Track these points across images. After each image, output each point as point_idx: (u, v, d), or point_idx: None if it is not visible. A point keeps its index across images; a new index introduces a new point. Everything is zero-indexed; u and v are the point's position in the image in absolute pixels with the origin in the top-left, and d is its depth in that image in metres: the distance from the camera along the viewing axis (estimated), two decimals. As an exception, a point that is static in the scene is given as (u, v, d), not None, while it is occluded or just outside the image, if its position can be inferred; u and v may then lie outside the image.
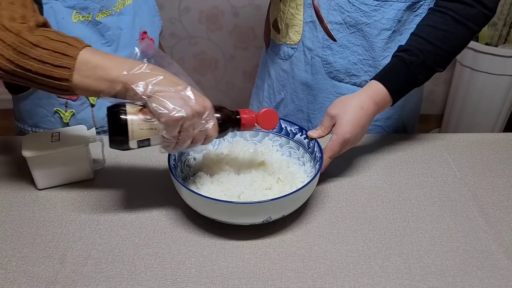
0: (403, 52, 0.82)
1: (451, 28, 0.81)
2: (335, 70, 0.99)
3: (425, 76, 0.82)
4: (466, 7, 0.81)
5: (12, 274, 0.66)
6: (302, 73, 1.03)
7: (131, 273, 0.66)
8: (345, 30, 0.94)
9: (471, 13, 0.81)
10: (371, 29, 0.93)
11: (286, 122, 0.86)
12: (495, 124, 2.12)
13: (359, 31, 0.94)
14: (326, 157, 0.78)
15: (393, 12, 0.91)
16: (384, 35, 0.93)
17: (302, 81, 1.04)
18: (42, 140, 0.80)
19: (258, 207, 0.67)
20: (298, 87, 1.06)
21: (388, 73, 0.82)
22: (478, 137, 0.98)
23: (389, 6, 0.90)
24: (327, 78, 1.01)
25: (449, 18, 0.81)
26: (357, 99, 0.79)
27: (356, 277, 0.66)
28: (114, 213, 0.77)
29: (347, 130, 0.77)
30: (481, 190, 0.83)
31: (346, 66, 0.98)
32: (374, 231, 0.74)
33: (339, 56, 0.97)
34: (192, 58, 2.36)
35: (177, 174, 0.76)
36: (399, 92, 0.82)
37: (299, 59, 1.03)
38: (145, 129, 0.65)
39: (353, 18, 0.92)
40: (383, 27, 0.92)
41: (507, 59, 1.92)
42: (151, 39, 1.00)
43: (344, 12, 0.92)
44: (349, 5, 0.91)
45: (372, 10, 0.91)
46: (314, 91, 1.04)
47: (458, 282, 0.65)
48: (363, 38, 0.94)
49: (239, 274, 0.66)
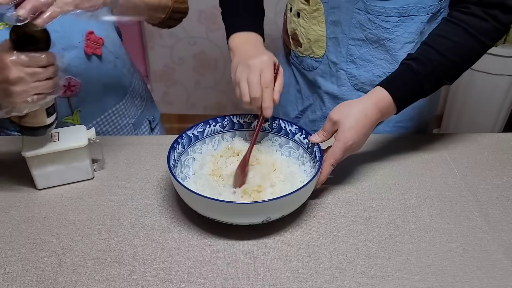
0: (412, 61, 0.79)
1: (462, 40, 0.79)
2: (360, 82, 0.98)
3: (432, 86, 0.80)
4: (480, 20, 0.78)
5: (12, 274, 0.66)
6: (328, 84, 1.02)
7: (130, 273, 0.66)
8: (367, 46, 0.93)
9: (484, 27, 0.78)
10: (393, 44, 0.91)
11: (285, 122, 0.86)
12: (495, 124, 2.12)
13: (382, 46, 0.92)
14: (328, 164, 0.76)
15: (415, 25, 0.89)
16: (408, 47, 0.91)
17: (328, 92, 1.03)
18: (41, 140, 0.80)
19: (258, 207, 0.67)
20: (325, 96, 1.04)
21: (395, 81, 0.80)
22: (478, 137, 0.98)
23: (411, 20, 0.88)
24: (353, 89, 1.00)
25: (462, 30, 0.79)
26: (361, 106, 0.77)
27: (355, 277, 0.66)
28: (114, 213, 0.77)
29: (350, 137, 0.75)
30: (480, 190, 0.83)
31: (371, 79, 0.97)
32: (373, 231, 0.74)
33: (363, 69, 0.96)
34: (191, 58, 2.36)
35: (176, 174, 0.76)
36: (404, 101, 0.80)
37: (324, 71, 1.01)
38: None
39: (375, 35, 0.91)
40: (405, 41, 0.91)
41: (506, 59, 1.92)
42: (99, 38, 0.94)
43: (366, 29, 0.91)
44: (370, 23, 0.89)
45: (393, 26, 0.89)
46: (340, 101, 1.01)
47: (457, 282, 0.65)
48: (386, 52, 0.93)
49: (239, 274, 0.66)
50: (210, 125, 0.86)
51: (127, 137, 1.01)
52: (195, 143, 0.85)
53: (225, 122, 0.88)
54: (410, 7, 0.86)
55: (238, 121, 0.88)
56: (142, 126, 1.12)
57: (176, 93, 2.49)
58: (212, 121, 0.87)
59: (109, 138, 0.96)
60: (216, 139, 0.87)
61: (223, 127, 0.88)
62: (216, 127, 0.87)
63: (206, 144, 0.86)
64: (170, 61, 2.39)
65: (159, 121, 1.21)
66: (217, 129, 0.87)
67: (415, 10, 0.87)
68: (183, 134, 0.82)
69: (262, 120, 0.81)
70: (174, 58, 2.37)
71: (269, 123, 0.87)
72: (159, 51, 2.36)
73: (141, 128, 1.11)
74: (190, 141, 0.84)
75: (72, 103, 0.94)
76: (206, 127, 0.86)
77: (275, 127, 0.87)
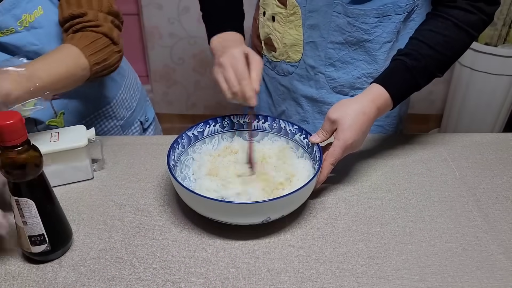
0: (405, 56, 0.81)
1: (452, 33, 0.81)
2: (340, 85, 0.98)
3: (425, 80, 0.82)
4: (467, 13, 0.81)
5: (11, 274, 0.66)
6: (306, 88, 1.02)
7: (130, 273, 0.66)
8: (346, 49, 0.93)
9: (471, 19, 0.81)
10: (373, 44, 0.92)
11: (285, 122, 0.86)
12: (495, 124, 2.12)
13: (361, 48, 0.93)
14: (328, 164, 0.76)
15: (392, 25, 0.90)
16: (386, 47, 0.92)
17: (306, 95, 1.03)
18: (41, 140, 0.80)
19: (257, 207, 0.67)
20: (302, 100, 1.04)
21: (390, 77, 0.81)
22: (478, 137, 0.98)
23: (388, 20, 0.89)
24: (332, 92, 1.00)
25: (451, 24, 0.81)
26: (358, 104, 0.78)
27: (355, 277, 0.66)
28: (113, 213, 0.77)
29: (349, 136, 0.76)
30: (480, 190, 0.83)
31: (350, 81, 0.97)
32: (373, 231, 0.74)
33: (343, 71, 0.96)
34: (191, 58, 2.36)
35: (176, 174, 0.76)
36: (400, 96, 0.81)
37: (301, 75, 1.01)
38: None
39: (355, 37, 0.91)
40: (384, 41, 0.91)
41: (506, 59, 1.92)
42: None
43: (345, 32, 0.91)
44: (350, 26, 0.90)
45: (373, 27, 0.89)
46: (319, 103, 1.02)
47: (457, 282, 0.65)
48: (365, 53, 0.93)
49: (239, 274, 0.66)
50: (210, 125, 0.86)
51: (127, 137, 1.01)
52: (195, 143, 0.85)
53: (225, 122, 0.88)
54: (387, 7, 0.87)
55: (238, 121, 0.88)
56: (133, 127, 1.11)
57: (176, 93, 2.49)
58: (212, 121, 0.87)
59: (109, 138, 0.96)
60: (216, 139, 0.87)
61: (223, 127, 0.88)
62: (216, 127, 0.87)
63: (206, 144, 0.86)
64: (170, 61, 2.39)
65: (154, 121, 1.20)
66: (217, 129, 0.87)
67: (392, 9, 0.88)
68: (183, 134, 0.82)
69: (252, 112, 0.83)
70: (174, 58, 2.38)
71: (269, 123, 0.87)
72: (159, 51, 2.36)
73: (131, 129, 1.10)
74: (190, 141, 0.84)
75: (54, 106, 0.92)
76: (206, 127, 0.86)
77: (275, 127, 0.87)
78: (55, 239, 0.67)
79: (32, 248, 0.66)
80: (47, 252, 0.67)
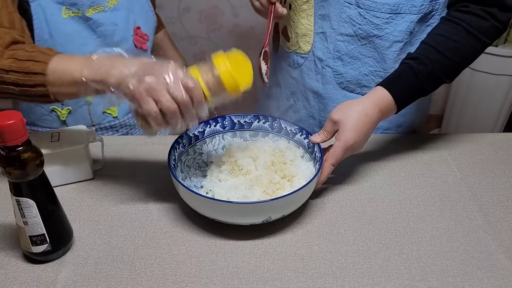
0: (412, 60, 0.80)
1: (463, 39, 0.79)
2: (346, 80, 0.98)
3: (432, 86, 0.81)
4: (479, 19, 0.79)
5: (12, 274, 0.66)
6: (313, 82, 1.02)
7: (131, 273, 0.66)
8: (356, 42, 0.93)
9: (484, 25, 0.79)
10: (382, 42, 0.91)
11: (286, 122, 0.86)
12: (495, 124, 2.12)
13: (371, 43, 0.92)
14: (329, 164, 0.76)
15: (405, 24, 0.89)
16: (396, 47, 0.91)
17: (313, 90, 1.03)
18: (41, 140, 0.80)
19: (258, 207, 0.67)
20: (309, 94, 1.04)
21: (395, 80, 0.80)
22: (478, 137, 0.98)
23: (401, 18, 0.88)
24: (338, 88, 1.00)
25: (462, 29, 0.79)
26: (361, 105, 0.77)
27: (356, 277, 0.66)
28: (114, 213, 0.77)
29: (350, 137, 0.75)
30: (481, 190, 0.83)
31: (357, 77, 0.97)
32: (374, 231, 0.74)
33: (350, 67, 0.96)
34: (192, 58, 2.36)
35: (177, 174, 0.76)
36: (404, 100, 0.80)
37: (310, 68, 1.01)
38: None
39: (364, 31, 0.91)
40: (395, 40, 0.91)
41: (507, 59, 1.92)
42: (145, 34, 0.99)
43: (356, 24, 0.90)
44: (361, 18, 0.89)
45: (384, 23, 0.89)
46: (324, 100, 1.02)
47: (458, 282, 0.65)
48: (374, 50, 0.93)
49: (239, 274, 0.66)
50: (210, 125, 0.86)
51: (127, 137, 1.01)
52: (195, 143, 0.85)
53: (225, 122, 0.88)
54: (401, 4, 0.87)
55: (238, 121, 0.88)
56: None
57: (177, 93, 2.49)
58: (212, 121, 0.87)
59: (109, 138, 0.96)
60: (216, 139, 0.87)
61: (223, 127, 0.88)
62: (217, 127, 0.87)
63: (206, 144, 0.86)
64: (170, 61, 2.39)
65: None
66: (217, 129, 0.87)
67: (406, 8, 0.87)
68: (184, 134, 0.82)
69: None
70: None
71: (270, 123, 0.87)
72: (159, 51, 2.36)
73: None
74: (190, 141, 0.84)
75: None
76: (206, 127, 0.86)
77: (275, 127, 0.87)
78: (56, 239, 0.67)
79: (32, 248, 0.66)
80: (48, 252, 0.67)
